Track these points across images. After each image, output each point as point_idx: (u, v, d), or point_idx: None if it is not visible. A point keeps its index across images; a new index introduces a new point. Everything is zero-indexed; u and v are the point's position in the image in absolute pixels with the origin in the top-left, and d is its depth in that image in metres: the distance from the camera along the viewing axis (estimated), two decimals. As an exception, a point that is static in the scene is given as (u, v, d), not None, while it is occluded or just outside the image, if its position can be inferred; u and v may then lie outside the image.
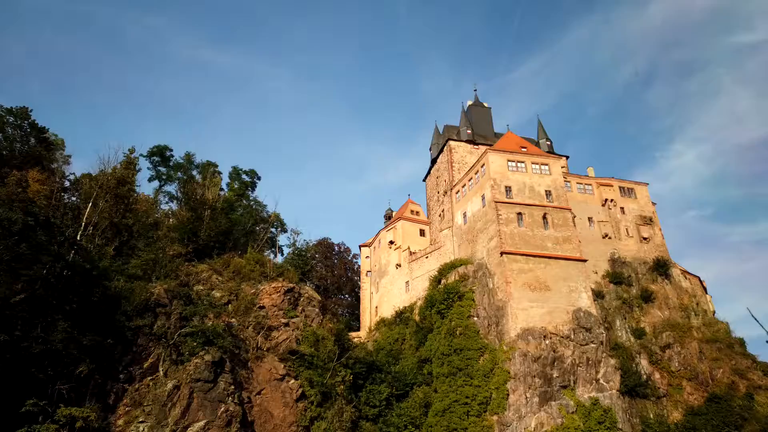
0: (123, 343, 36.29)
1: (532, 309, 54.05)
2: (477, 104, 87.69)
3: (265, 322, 48.30)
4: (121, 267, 40.99)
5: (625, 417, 49.38)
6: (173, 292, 41.95)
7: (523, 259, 56.91)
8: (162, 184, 70.08)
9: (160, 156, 69.72)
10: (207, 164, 71.13)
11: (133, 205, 52.18)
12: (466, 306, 56.08)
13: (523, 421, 47.06)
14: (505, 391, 48.65)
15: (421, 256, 72.21)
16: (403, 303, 70.65)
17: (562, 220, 60.93)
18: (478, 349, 52.30)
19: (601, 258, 65.47)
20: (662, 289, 64.32)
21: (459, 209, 68.88)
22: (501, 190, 61.91)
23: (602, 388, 50.67)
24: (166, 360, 37.85)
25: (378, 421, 48.99)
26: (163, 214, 62.02)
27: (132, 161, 55.46)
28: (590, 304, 55.67)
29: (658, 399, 53.94)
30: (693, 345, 57.69)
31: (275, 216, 76.54)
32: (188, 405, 36.16)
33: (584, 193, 70.59)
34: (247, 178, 77.56)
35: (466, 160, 76.09)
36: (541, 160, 65.91)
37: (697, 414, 51.96)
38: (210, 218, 58.37)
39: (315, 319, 53.43)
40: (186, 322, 40.41)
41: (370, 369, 52.63)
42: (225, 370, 39.54)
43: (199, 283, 48.44)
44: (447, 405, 49.01)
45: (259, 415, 41.65)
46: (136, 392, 35.44)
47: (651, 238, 69.08)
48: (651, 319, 61.35)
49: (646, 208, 72.11)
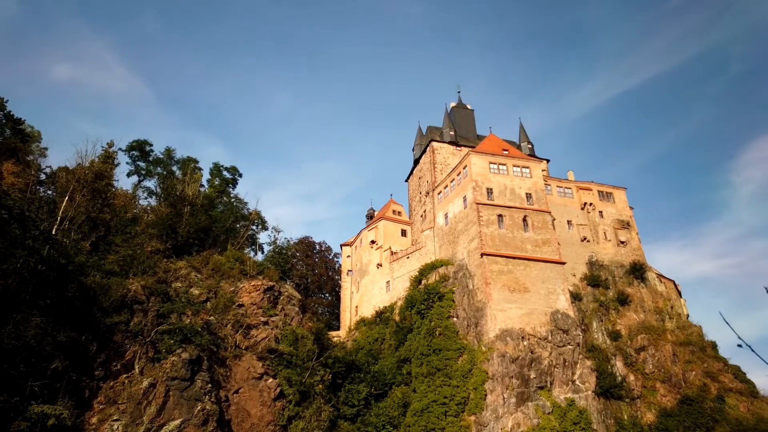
0: (99, 340, 35.72)
1: (511, 310, 54.53)
2: (460, 106, 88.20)
3: (244, 320, 48.01)
4: (97, 263, 40.31)
5: (600, 418, 50.08)
6: (151, 289, 41.43)
7: (502, 261, 57.37)
8: (141, 179, 69.09)
9: (139, 150, 68.63)
10: (188, 160, 70.34)
11: (111, 200, 51.41)
12: (446, 306, 56.35)
13: (500, 421, 47.40)
14: (483, 392, 48.96)
15: (403, 256, 72.35)
16: (383, 303, 70.75)
17: (541, 222, 61.57)
18: (457, 350, 52.59)
19: (579, 261, 66.35)
20: (638, 293, 65.40)
21: (441, 210, 69.15)
22: (482, 192, 62.32)
23: (578, 389, 51.33)
24: (142, 357, 37.38)
25: (356, 420, 49.00)
26: (142, 209, 61.26)
27: (110, 155, 54.69)
28: (568, 306, 56.36)
29: (633, 400, 54.88)
30: (667, 348, 58.81)
31: (256, 213, 76.14)
32: (164, 403, 35.76)
33: (564, 196, 71.41)
34: (228, 174, 76.84)
35: (448, 161, 76.46)
36: (522, 163, 66.53)
37: (669, 415, 53.01)
38: (189, 215, 57.81)
39: (295, 317, 53.29)
40: (163, 319, 39.99)
41: (349, 368, 52.61)
42: (202, 368, 39.18)
43: (178, 280, 47.92)
44: (425, 405, 49.19)
45: (236, 414, 41.37)
46: (111, 390, 34.93)
47: (628, 242, 70.21)
48: (627, 322, 62.36)
49: (624, 212, 73.25)
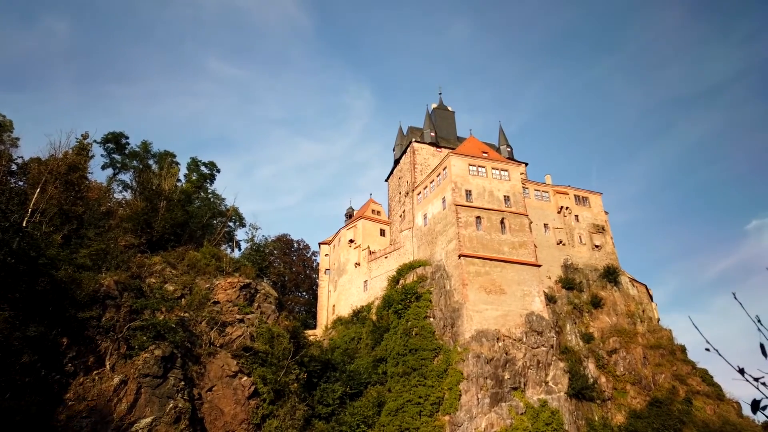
0: (69, 335, 34.93)
1: (487, 311, 54.98)
2: (441, 107, 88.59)
3: (219, 317, 47.50)
4: (69, 256, 39.36)
5: (572, 419, 50.80)
6: (124, 284, 40.64)
7: (480, 262, 57.80)
8: (116, 173, 67.62)
9: (115, 143, 67.18)
10: (165, 154, 69.15)
11: (85, 193, 50.31)
12: (423, 307, 56.58)
13: (474, 421, 47.76)
14: (458, 392, 49.29)
15: (381, 256, 72.39)
16: (360, 302, 70.69)
17: (519, 225, 62.22)
18: (433, 350, 52.84)
19: (554, 263, 67.18)
20: (611, 296, 66.48)
21: (420, 210, 69.38)
22: (461, 194, 62.71)
23: (551, 390, 52.00)
24: (113, 354, 36.66)
25: (331, 419, 48.91)
26: (116, 203, 60.01)
27: (85, 147, 53.48)
28: (543, 308, 57.06)
29: (604, 402, 55.73)
30: (638, 350, 59.92)
31: (233, 210, 75.32)
32: (135, 400, 35.19)
33: (541, 200, 72.19)
34: (206, 170, 75.74)
35: (428, 162, 76.74)
36: (501, 166, 67.15)
37: (639, 417, 53.98)
38: (165, 209, 56.88)
39: (271, 315, 52.90)
40: (136, 315, 39.28)
41: (325, 367, 52.48)
42: (176, 365, 38.66)
43: (152, 275, 47.15)
44: (400, 404, 49.31)
45: (209, 412, 40.90)
46: (80, 386, 34.18)
47: (602, 246, 71.34)
48: (599, 325, 63.32)
49: (599, 216, 74.41)
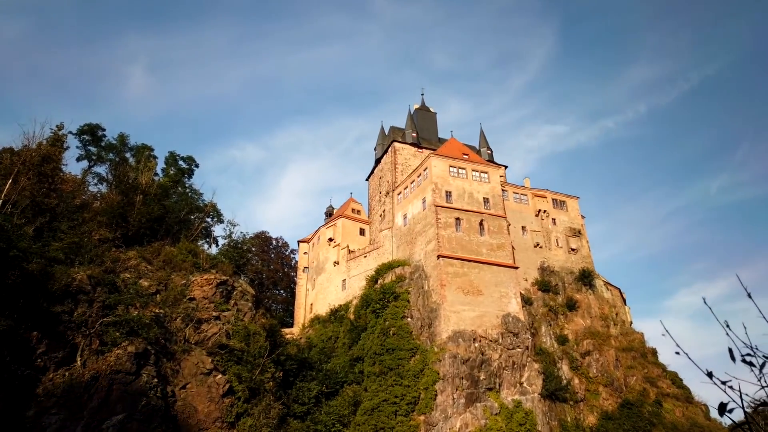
0: (40, 330, 34.16)
1: (464, 312, 55.34)
2: (423, 108, 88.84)
3: (195, 314, 46.95)
4: (41, 249, 38.46)
5: (545, 420, 51.44)
6: (97, 279, 39.94)
7: (458, 263, 58.14)
8: (91, 165, 66.25)
9: (90, 135, 65.82)
10: (142, 147, 68.09)
11: (58, 185, 49.20)
12: (401, 307, 56.66)
13: (449, 421, 48.02)
14: (434, 392, 49.49)
15: (360, 255, 72.29)
16: (338, 301, 70.46)
17: (497, 227, 62.75)
18: (410, 350, 52.95)
19: (531, 266, 67.92)
20: (586, 299, 67.48)
21: (400, 211, 69.48)
22: (442, 195, 62.98)
23: (525, 391, 52.57)
24: (85, 349, 35.97)
25: (306, 418, 48.60)
26: (91, 196, 58.86)
27: (59, 138, 52.23)
28: (519, 310, 57.65)
29: (576, 403, 56.56)
30: (610, 353, 60.95)
31: (212, 206, 74.50)
32: (107, 397, 34.57)
33: (520, 202, 72.91)
34: (184, 164, 74.73)
35: (409, 162, 76.89)
36: (481, 168, 67.62)
37: (610, 418, 54.95)
38: (142, 203, 56.03)
39: (247, 313, 52.50)
40: (110, 310, 38.63)
41: (301, 366, 52.16)
42: (149, 362, 38.10)
43: (126, 270, 46.38)
44: (376, 404, 49.30)
45: (182, 410, 40.34)
46: (50, 382, 33.45)
47: (578, 250, 72.36)
48: (574, 327, 64.24)
49: (576, 220, 75.45)
